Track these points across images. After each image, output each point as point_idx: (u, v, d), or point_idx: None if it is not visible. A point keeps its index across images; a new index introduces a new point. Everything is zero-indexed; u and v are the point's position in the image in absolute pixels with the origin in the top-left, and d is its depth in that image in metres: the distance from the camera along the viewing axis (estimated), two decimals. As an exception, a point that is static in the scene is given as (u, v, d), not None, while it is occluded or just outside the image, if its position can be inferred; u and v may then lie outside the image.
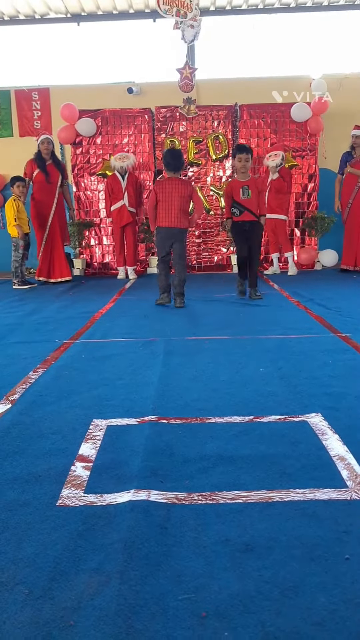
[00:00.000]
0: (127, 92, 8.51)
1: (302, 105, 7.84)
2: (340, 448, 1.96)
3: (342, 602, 1.18)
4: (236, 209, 5.43)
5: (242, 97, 8.14)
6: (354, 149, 7.34)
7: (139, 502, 1.61)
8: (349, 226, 7.49)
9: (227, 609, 1.18)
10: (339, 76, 8.57)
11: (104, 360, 3.28)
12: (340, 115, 8.20)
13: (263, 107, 8.01)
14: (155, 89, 8.52)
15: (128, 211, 7.49)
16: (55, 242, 7.26)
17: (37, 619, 1.16)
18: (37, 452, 2.01)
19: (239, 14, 9.54)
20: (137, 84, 8.63)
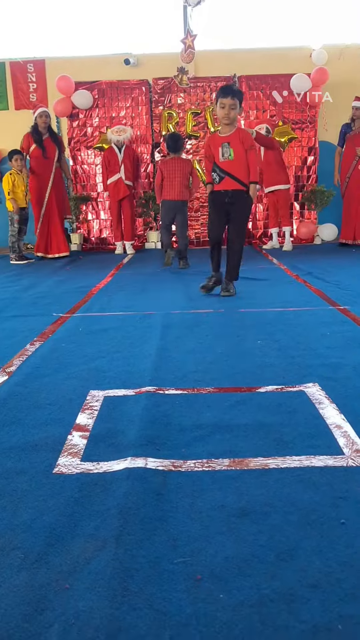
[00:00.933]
0: (124, 63, 8.37)
1: (302, 76, 7.71)
2: (337, 417, 1.96)
3: (337, 564, 1.18)
4: (215, 174, 4.19)
5: (241, 68, 8.00)
6: (354, 121, 7.24)
7: (135, 469, 1.61)
8: (347, 200, 7.43)
9: (223, 572, 1.18)
10: (339, 46, 8.42)
11: (101, 334, 3.26)
12: (341, 86, 8.08)
13: (262, 78, 7.88)
14: (153, 61, 8.38)
15: (125, 184, 7.42)
16: (53, 218, 7.20)
17: (32, 583, 1.16)
18: (34, 422, 2.01)
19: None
20: (134, 55, 8.48)
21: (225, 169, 4.11)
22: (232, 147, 4.07)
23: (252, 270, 5.60)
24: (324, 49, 8.03)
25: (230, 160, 4.09)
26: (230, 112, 4.02)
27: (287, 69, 7.89)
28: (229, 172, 4.11)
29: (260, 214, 8.17)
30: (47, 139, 7.11)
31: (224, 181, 4.14)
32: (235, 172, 4.10)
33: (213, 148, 4.18)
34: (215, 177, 4.19)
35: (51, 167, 7.11)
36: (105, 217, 8.18)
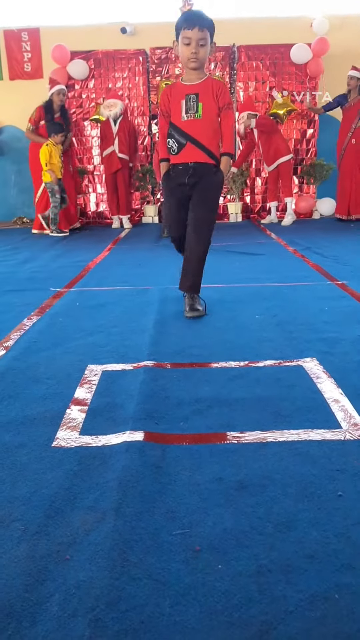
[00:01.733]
0: (120, 32, 8.20)
1: (302, 46, 7.58)
2: (334, 391, 1.96)
3: (333, 535, 1.20)
4: (173, 141, 2.93)
5: (240, 37, 7.85)
6: (349, 92, 7.12)
7: (134, 442, 1.62)
8: (341, 175, 7.34)
9: (221, 543, 1.19)
10: (340, 16, 8.26)
11: (99, 308, 3.26)
12: (341, 57, 7.94)
13: (261, 49, 7.74)
14: (150, 30, 8.21)
15: (118, 157, 7.33)
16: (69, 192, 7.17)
17: (33, 554, 1.17)
18: (32, 396, 2.01)
19: None
20: (130, 24, 8.31)
21: (189, 132, 2.89)
22: (200, 101, 2.87)
23: (251, 245, 5.57)
24: (324, 19, 7.88)
25: (197, 120, 2.87)
26: (199, 50, 2.79)
27: (287, 38, 7.74)
28: (194, 137, 2.89)
29: (258, 188, 8.11)
30: (58, 117, 7.05)
31: (186, 150, 2.91)
32: (202, 138, 2.88)
33: (172, 102, 2.93)
34: (172, 145, 2.95)
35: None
36: (102, 191, 8.11)
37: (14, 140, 8.64)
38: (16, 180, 8.79)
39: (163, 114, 3.02)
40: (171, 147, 2.96)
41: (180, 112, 2.91)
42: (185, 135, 2.91)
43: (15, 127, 8.60)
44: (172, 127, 2.95)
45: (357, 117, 6.98)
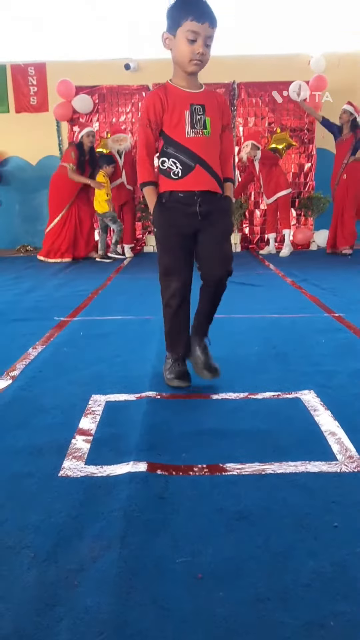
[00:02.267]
0: (124, 68, 8.45)
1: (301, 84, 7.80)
2: (331, 423, 2.03)
3: (329, 565, 1.26)
4: (175, 162, 2.32)
5: (240, 74, 8.09)
6: (343, 125, 7.26)
7: (137, 473, 1.68)
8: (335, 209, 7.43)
9: (222, 571, 1.25)
10: (338, 54, 8.52)
11: (102, 338, 3.33)
12: (339, 93, 8.17)
13: (261, 86, 7.98)
14: (153, 66, 8.45)
15: (127, 189, 7.53)
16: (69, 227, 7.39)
17: (43, 580, 1.23)
18: (39, 426, 2.08)
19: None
20: (134, 60, 8.56)
21: (197, 152, 2.30)
22: (207, 115, 2.32)
23: (249, 276, 5.68)
24: (322, 57, 8.13)
25: (206, 138, 2.32)
26: (207, 50, 2.28)
27: (286, 75, 7.98)
28: (203, 159, 2.32)
29: (257, 220, 8.26)
30: (87, 160, 7.28)
31: (194, 174, 2.31)
32: (211, 160, 2.35)
33: (170, 111, 2.30)
34: (173, 167, 2.33)
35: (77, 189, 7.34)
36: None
37: (18, 170, 8.83)
38: (20, 210, 8.96)
39: (150, 124, 2.32)
40: (171, 169, 2.31)
41: (184, 125, 2.28)
42: (194, 156, 2.30)
43: (20, 158, 8.80)
44: (172, 144, 2.31)
45: (348, 152, 7.13)
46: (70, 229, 7.35)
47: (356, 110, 7.13)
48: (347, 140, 7.17)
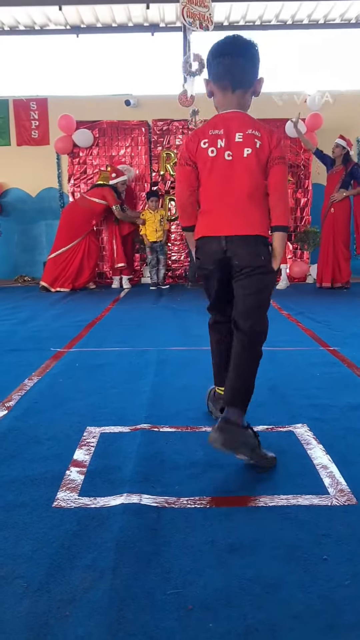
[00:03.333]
0: (124, 104, 8.64)
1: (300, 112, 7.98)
2: (323, 457, 2.06)
3: (317, 597, 1.28)
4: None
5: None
6: (335, 160, 7.37)
7: (130, 504, 1.70)
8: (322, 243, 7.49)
9: (212, 603, 1.27)
10: (333, 93, 8.75)
11: (98, 369, 3.37)
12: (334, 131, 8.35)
13: (258, 123, 8.16)
14: (153, 102, 8.66)
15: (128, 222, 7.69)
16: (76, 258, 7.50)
17: (35, 610, 1.25)
18: (33, 457, 2.10)
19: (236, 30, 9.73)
20: (134, 97, 8.76)
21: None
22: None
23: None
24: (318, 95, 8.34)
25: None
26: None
27: (283, 113, 8.17)
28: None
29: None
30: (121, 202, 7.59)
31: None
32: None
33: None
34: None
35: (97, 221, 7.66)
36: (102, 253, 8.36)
37: (18, 202, 8.95)
38: (19, 240, 9.05)
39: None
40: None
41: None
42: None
43: (20, 190, 8.93)
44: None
45: (338, 184, 7.23)
46: (77, 260, 7.44)
47: (349, 144, 7.27)
48: (337, 173, 7.28)
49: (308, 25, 9.62)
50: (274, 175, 2.13)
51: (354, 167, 7.19)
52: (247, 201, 2.09)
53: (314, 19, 9.47)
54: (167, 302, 6.27)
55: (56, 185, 8.83)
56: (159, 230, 7.66)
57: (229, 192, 2.11)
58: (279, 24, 9.59)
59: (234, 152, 2.11)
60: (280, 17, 9.38)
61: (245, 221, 2.09)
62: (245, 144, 2.12)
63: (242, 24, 9.58)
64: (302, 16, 9.37)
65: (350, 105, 8.71)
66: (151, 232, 7.62)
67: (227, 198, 2.11)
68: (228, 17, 9.38)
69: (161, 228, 7.69)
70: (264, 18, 9.42)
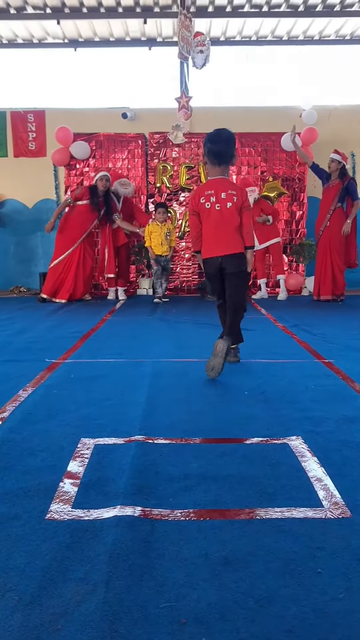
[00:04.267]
0: (121, 117, 8.70)
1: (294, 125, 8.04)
2: (317, 470, 2.05)
3: (311, 611, 1.27)
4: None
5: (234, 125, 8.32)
6: (332, 173, 7.40)
7: (124, 517, 1.69)
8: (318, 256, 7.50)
9: (206, 616, 1.26)
10: (328, 107, 8.83)
11: (93, 381, 3.36)
12: (329, 145, 8.42)
13: (254, 136, 8.23)
14: (150, 115, 8.72)
15: (124, 233, 7.69)
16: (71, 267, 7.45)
17: (26, 624, 1.23)
18: (27, 469, 2.09)
19: (233, 45, 9.83)
20: (131, 110, 8.82)
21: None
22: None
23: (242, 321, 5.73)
24: (313, 110, 8.42)
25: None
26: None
27: (278, 127, 8.23)
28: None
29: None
30: (102, 201, 7.48)
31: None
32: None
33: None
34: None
35: (89, 225, 7.48)
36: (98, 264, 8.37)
37: (14, 213, 8.97)
38: (15, 251, 9.06)
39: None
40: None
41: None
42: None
43: (16, 201, 8.95)
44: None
45: (334, 199, 7.27)
46: (72, 270, 7.42)
47: (343, 158, 7.31)
48: (333, 187, 7.31)
49: (303, 41, 9.73)
50: (244, 217, 3.63)
51: (350, 181, 7.23)
52: (231, 234, 3.59)
53: (310, 35, 9.58)
54: (162, 313, 6.28)
55: (53, 196, 8.87)
56: (165, 244, 7.49)
57: (219, 230, 3.60)
58: (274, 40, 9.69)
59: (221, 205, 3.59)
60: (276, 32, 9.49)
61: (231, 246, 3.59)
62: (228, 199, 3.58)
63: (238, 39, 9.68)
64: (297, 32, 9.48)
65: (345, 120, 8.79)
66: (156, 245, 7.47)
67: (218, 234, 3.61)
68: (224, 33, 9.47)
69: (167, 242, 7.49)
70: (260, 34, 9.52)
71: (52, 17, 8.87)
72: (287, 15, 8.96)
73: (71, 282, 7.44)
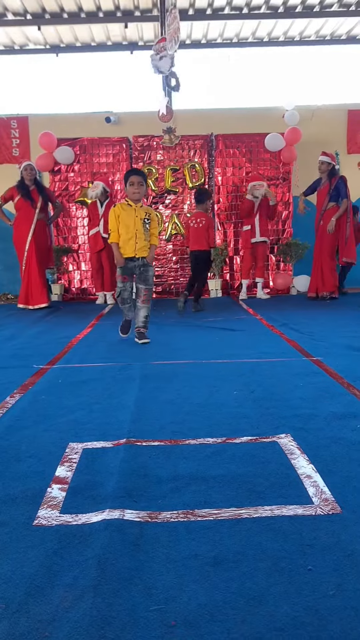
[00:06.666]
0: (105, 121, 8.69)
1: (276, 136, 8.09)
2: (307, 467, 2.04)
3: (303, 609, 1.25)
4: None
5: (218, 127, 8.36)
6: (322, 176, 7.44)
7: (113, 520, 1.67)
8: (314, 255, 7.58)
9: (196, 618, 1.24)
10: (311, 107, 8.86)
11: (81, 385, 3.33)
12: (312, 144, 8.46)
13: (238, 137, 8.25)
14: (133, 119, 8.72)
15: (102, 237, 7.63)
16: (32, 268, 7.28)
17: (13, 632, 1.21)
18: (14, 475, 2.06)
19: (214, 47, 9.86)
20: (115, 114, 8.82)
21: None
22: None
23: (230, 321, 5.74)
24: (296, 110, 8.44)
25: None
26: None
27: (261, 128, 8.26)
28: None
29: (236, 265, 8.41)
30: (34, 190, 7.32)
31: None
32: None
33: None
34: None
35: (32, 218, 7.25)
36: (86, 269, 8.35)
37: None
38: (1, 258, 9.00)
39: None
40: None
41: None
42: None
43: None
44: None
45: (325, 200, 7.32)
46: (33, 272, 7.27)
47: (332, 159, 7.35)
48: (324, 189, 7.37)
49: (284, 42, 9.78)
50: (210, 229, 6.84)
51: (339, 181, 7.28)
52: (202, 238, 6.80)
53: (290, 36, 9.63)
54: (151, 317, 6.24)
55: (38, 202, 8.82)
56: (141, 238, 4.58)
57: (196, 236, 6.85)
58: (256, 41, 9.73)
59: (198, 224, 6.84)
60: (257, 34, 9.52)
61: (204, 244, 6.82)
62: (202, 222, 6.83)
63: (219, 41, 9.70)
64: (278, 33, 9.52)
65: (328, 119, 8.83)
66: (126, 240, 4.59)
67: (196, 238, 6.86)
68: (205, 35, 9.49)
69: (144, 236, 4.61)
70: (241, 36, 9.55)
71: (33, 23, 8.86)
72: (267, 17, 9.01)
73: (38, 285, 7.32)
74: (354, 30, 9.56)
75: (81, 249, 8.36)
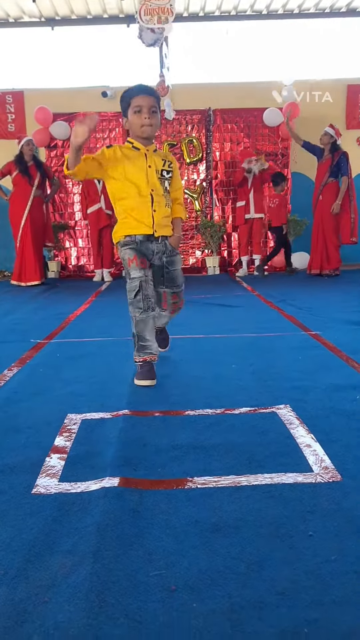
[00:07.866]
0: (101, 95, 8.56)
1: (274, 110, 7.98)
2: (306, 436, 2.03)
3: (303, 573, 1.25)
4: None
5: (216, 102, 8.25)
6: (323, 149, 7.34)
7: (112, 488, 1.66)
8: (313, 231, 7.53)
9: (196, 583, 1.23)
10: (309, 82, 8.73)
11: (79, 359, 3.31)
12: (311, 119, 8.35)
13: (236, 112, 8.14)
14: (130, 93, 8.57)
15: (105, 213, 7.57)
16: (27, 245, 7.22)
17: (12, 597, 1.20)
18: (12, 445, 2.05)
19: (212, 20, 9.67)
20: (111, 88, 8.68)
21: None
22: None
23: (228, 297, 5.71)
24: (294, 85, 8.32)
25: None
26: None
27: (260, 103, 8.15)
28: None
29: (234, 243, 8.36)
30: (32, 166, 7.23)
31: None
32: None
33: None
34: None
35: (29, 195, 7.17)
36: (83, 245, 8.29)
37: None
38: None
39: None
40: None
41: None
42: None
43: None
44: None
45: (326, 174, 7.23)
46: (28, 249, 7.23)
47: (337, 134, 7.25)
48: (326, 162, 7.27)
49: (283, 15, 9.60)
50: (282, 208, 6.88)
51: (341, 156, 7.17)
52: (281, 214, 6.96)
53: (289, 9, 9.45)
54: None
55: (34, 178, 8.72)
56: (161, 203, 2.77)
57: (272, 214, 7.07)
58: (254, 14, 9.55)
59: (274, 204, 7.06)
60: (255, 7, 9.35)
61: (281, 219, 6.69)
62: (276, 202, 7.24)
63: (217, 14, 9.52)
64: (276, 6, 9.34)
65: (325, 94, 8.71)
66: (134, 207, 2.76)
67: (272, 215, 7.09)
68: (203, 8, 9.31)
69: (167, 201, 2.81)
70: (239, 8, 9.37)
71: (27, -6, 8.66)
72: (266, -13, 8.83)
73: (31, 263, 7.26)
74: (354, 3, 9.38)
75: (78, 226, 8.28)
